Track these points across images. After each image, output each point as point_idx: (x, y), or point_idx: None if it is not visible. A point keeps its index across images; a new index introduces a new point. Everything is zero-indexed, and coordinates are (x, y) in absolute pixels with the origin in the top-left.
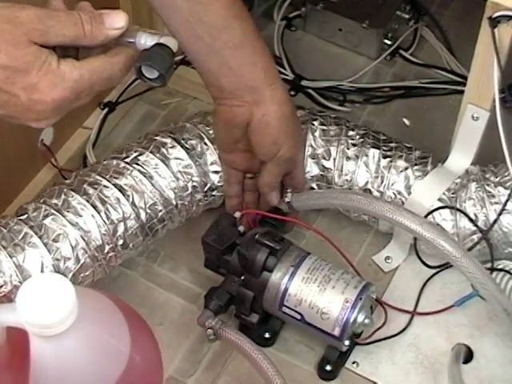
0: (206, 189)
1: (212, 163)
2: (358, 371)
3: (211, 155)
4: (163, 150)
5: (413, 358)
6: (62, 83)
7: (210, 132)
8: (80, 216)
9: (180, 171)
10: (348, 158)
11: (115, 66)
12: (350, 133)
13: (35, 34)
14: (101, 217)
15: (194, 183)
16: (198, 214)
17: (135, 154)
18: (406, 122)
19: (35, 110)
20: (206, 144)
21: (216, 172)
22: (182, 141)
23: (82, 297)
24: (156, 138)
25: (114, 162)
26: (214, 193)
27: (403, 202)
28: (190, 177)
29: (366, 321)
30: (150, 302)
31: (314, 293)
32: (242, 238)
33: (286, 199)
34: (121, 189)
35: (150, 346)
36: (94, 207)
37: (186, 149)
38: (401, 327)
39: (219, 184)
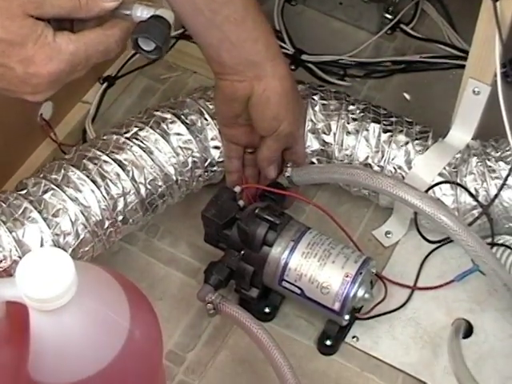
0: (206, 164)
1: (212, 138)
2: (357, 346)
3: (211, 130)
4: (163, 125)
5: (413, 332)
6: (58, 56)
7: (211, 107)
8: (80, 191)
9: (180, 146)
10: (348, 133)
11: (111, 39)
12: (351, 107)
13: (30, 7)
14: (100, 192)
15: (195, 159)
16: (199, 190)
17: (135, 129)
18: (407, 96)
19: (31, 83)
20: (206, 119)
21: (216, 147)
22: (182, 116)
23: (82, 271)
24: (156, 113)
25: (114, 136)
26: (214, 168)
27: (403, 177)
28: (190, 152)
29: (366, 295)
30: (149, 277)
31: (314, 267)
32: (241, 212)
33: (286, 174)
34: (121, 164)
35: (149, 320)
36: (94, 182)
37: (186, 124)
38: (401, 302)
39: (219, 159)
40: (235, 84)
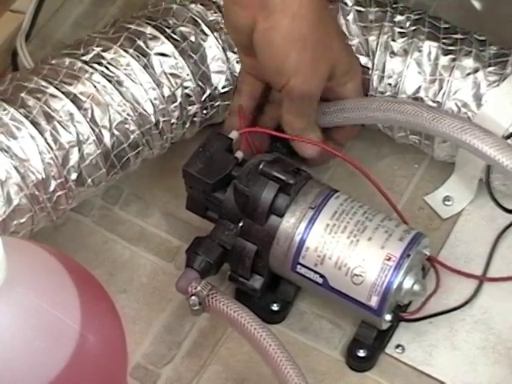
0: (204, 97)
1: (214, 59)
2: (403, 359)
3: (212, 48)
4: (140, 42)
5: (481, 340)
6: None
7: (209, 14)
8: (14, 138)
9: (165, 73)
10: (393, 54)
11: None
12: (398, 18)
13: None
14: (45, 139)
15: (187, 90)
16: (192, 135)
17: (98, 50)
18: (476, 4)
19: None
20: (204, 32)
21: (220, 72)
22: (168, 29)
23: (14, 252)
24: (129, 26)
25: (67, 60)
26: (216, 103)
27: (470, 118)
28: (179, 81)
29: (416, 287)
30: (108, 260)
31: (343, 246)
32: (240, 168)
33: None
34: (75, 99)
35: (108, 320)
36: (35, 125)
37: (173, 40)
38: (465, 298)
39: (224, 89)
40: (236, 10)
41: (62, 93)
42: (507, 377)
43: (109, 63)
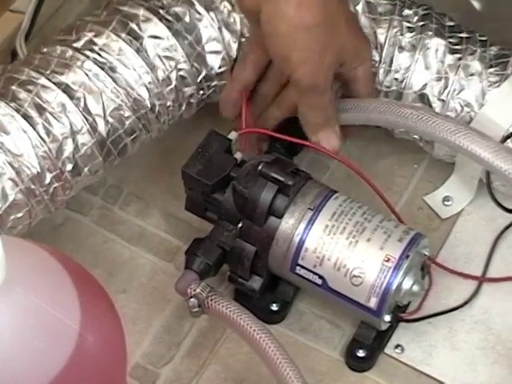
0: (200, 78)
1: (209, 40)
2: (402, 359)
3: (207, 28)
4: (132, 25)
5: (481, 340)
6: None
7: None
8: (6, 133)
9: (159, 56)
10: (401, 48)
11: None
12: (406, 12)
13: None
14: (37, 132)
15: (181, 72)
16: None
17: (90, 35)
18: (476, 4)
19: None
20: (198, 12)
21: (216, 52)
22: (162, 10)
23: (13, 251)
24: (122, 8)
25: (58, 48)
26: (213, 83)
27: (471, 118)
28: (174, 63)
29: (415, 288)
30: (108, 260)
31: (342, 247)
32: (239, 169)
33: None
34: (67, 89)
35: (107, 320)
36: (27, 118)
37: (166, 21)
38: (464, 298)
39: (221, 70)
40: None
41: (54, 83)
42: (506, 377)
43: (101, 49)
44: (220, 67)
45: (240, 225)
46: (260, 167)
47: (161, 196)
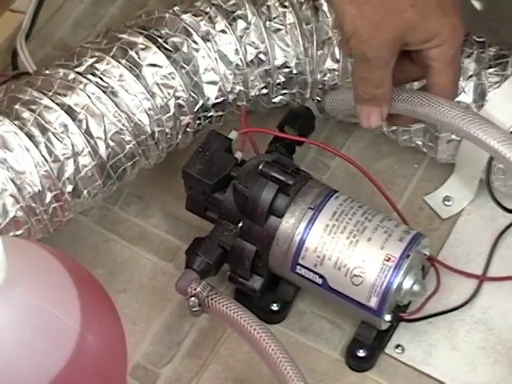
0: (197, 108)
1: (206, 70)
2: (403, 359)
3: (204, 59)
4: (132, 53)
5: (481, 340)
6: None
7: (202, 24)
8: (9, 150)
9: (157, 83)
10: None
11: None
12: None
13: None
14: (39, 151)
15: (179, 100)
16: (186, 146)
17: (91, 61)
18: (476, 4)
19: None
20: (195, 42)
21: (212, 83)
22: (160, 39)
23: (14, 251)
24: (121, 35)
25: (61, 71)
26: (209, 113)
27: None
28: (172, 91)
29: (416, 288)
30: (108, 260)
31: (342, 247)
32: (239, 168)
33: (317, 97)
34: (69, 111)
35: (108, 320)
36: (30, 137)
37: (165, 50)
38: (464, 298)
39: (217, 100)
40: None
41: (57, 104)
42: (507, 377)
43: (102, 74)
44: (217, 98)
45: (240, 224)
46: (260, 167)
47: (161, 196)
